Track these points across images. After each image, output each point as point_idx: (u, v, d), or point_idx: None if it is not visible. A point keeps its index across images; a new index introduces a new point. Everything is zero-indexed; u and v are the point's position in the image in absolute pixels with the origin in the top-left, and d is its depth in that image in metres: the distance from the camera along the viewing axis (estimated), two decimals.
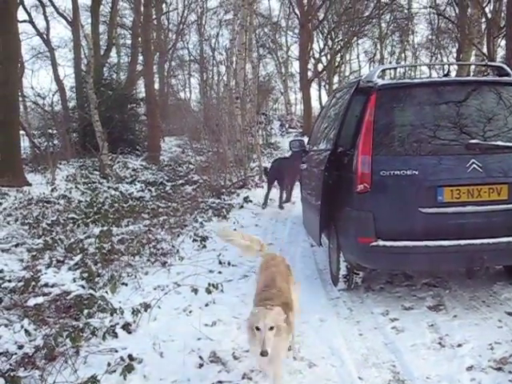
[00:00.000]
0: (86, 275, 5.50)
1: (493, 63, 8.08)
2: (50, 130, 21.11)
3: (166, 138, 26.21)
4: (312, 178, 6.03)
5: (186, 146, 21.54)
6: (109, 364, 3.62)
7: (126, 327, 4.31)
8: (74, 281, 5.37)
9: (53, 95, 22.45)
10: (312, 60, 35.14)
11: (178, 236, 7.67)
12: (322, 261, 6.25)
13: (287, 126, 32.23)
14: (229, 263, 6.23)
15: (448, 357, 3.83)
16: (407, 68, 33.64)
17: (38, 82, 46.21)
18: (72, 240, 7.59)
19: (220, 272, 5.96)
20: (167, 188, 13.74)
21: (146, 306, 4.50)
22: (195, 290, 4.91)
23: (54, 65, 27.82)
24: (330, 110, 6.44)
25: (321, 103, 35.81)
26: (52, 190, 13.04)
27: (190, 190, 13.21)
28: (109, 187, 14.20)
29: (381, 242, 4.45)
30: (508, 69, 5.14)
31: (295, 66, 40.15)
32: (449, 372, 3.60)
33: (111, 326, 4.30)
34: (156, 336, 4.16)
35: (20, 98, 24.03)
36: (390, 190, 4.47)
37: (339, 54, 35.52)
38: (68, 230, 8.45)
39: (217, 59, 34.75)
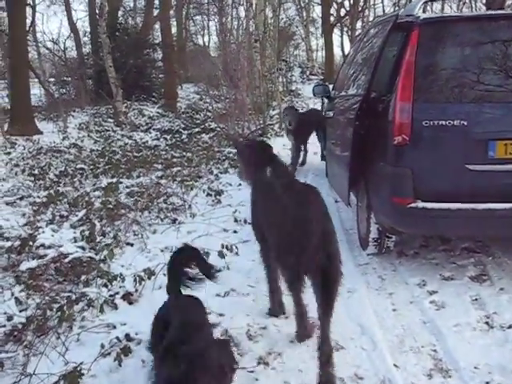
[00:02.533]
0: (86, 234, 4.98)
1: None
2: (66, 77, 20.57)
3: (184, 84, 25.41)
4: (340, 128, 5.30)
5: (204, 92, 20.82)
6: (102, 345, 3.12)
7: (127, 297, 3.82)
8: (75, 240, 4.86)
9: (65, 40, 21.64)
10: (334, 5, 33.67)
11: (191, 189, 7.09)
12: (348, 219, 5.66)
13: (308, 72, 31.12)
14: (245, 221, 5.58)
15: (498, 341, 3.27)
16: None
17: (54, 27, 44.95)
18: (79, 193, 7.12)
19: (235, 231, 5.38)
20: (183, 136, 13.22)
21: (150, 274, 3.97)
22: (206, 254, 4.37)
23: (68, 9, 26.84)
24: (360, 51, 5.69)
25: (343, 50, 34.72)
26: (63, 139, 12.55)
27: (206, 138, 12.64)
28: (122, 135, 13.73)
29: (420, 204, 3.82)
30: None
31: (317, 11, 38.56)
32: (500, 360, 3.05)
33: (110, 295, 3.81)
34: None
35: (34, 43, 23.56)
36: (433, 144, 3.80)
37: None
38: (76, 181, 7.98)
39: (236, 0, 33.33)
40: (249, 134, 11.65)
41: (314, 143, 9.54)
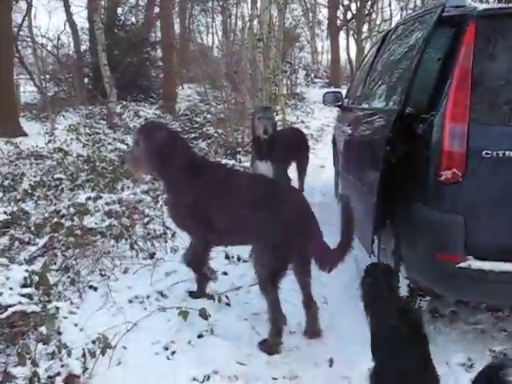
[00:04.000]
0: (38, 273, 3.94)
1: None
2: (63, 75, 19.65)
3: (187, 84, 24.46)
4: (361, 150, 4.21)
5: (205, 94, 19.86)
6: None
7: (71, 381, 2.79)
8: (25, 283, 3.83)
9: (58, 36, 20.68)
10: (341, 7, 32.81)
11: None
12: (365, 259, 4.62)
13: (313, 75, 30.43)
14: (239, 258, 4.57)
15: None
16: None
17: (54, 22, 43.95)
18: (51, 209, 6.09)
19: (225, 273, 4.32)
20: None
21: (105, 346, 2.92)
22: (184, 314, 3.34)
23: (67, 3, 25.79)
24: (384, 54, 4.66)
25: (348, 53, 33.94)
26: (48, 142, 11.50)
27: (203, 145, 11.58)
28: (114, 139, 12.64)
29: (473, 262, 2.80)
30: None
31: (323, 13, 37.81)
32: None
33: (49, 376, 2.79)
34: None
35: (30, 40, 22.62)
36: (496, 182, 2.79)
37: (369, 2, 32.93)
38: (50, 195, 6.96)
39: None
40: (248, 143, 10.63)
41: (320, 153, 8.56)
